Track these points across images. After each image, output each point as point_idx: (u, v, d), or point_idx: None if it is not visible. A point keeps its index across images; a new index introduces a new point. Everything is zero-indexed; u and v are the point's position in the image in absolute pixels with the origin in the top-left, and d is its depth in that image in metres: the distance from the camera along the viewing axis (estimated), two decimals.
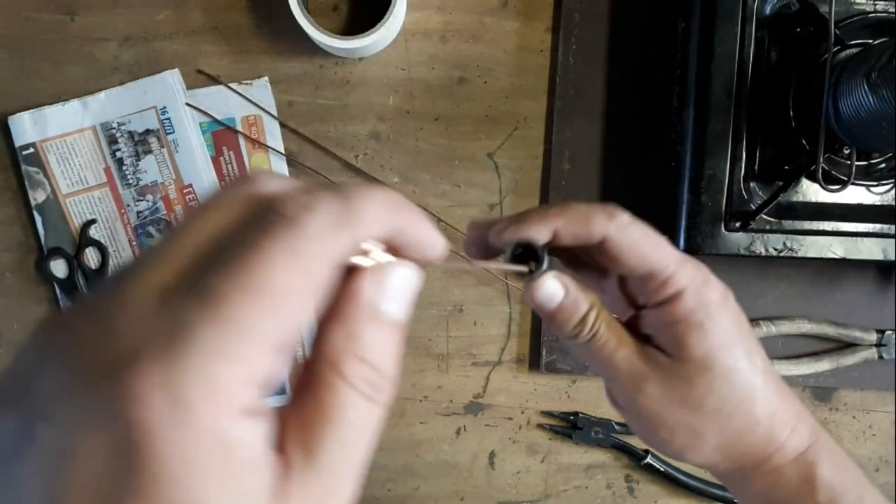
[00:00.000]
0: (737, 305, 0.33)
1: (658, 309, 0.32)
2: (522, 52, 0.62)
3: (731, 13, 0.54)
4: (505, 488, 0.66)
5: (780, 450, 0.33)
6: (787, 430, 0.33)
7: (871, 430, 0.67)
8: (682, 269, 0.31)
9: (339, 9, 0.62)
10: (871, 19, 0.55)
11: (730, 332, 0.32)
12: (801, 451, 0.33)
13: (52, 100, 0.61)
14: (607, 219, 0.31)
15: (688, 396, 0.32)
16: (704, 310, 0.31)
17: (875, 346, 0.64)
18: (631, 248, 0.31)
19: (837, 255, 0.56)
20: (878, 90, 0.46)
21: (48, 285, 0.63)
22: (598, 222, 0.31)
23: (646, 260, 0.31)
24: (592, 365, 0.34)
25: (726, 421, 0.32)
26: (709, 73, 0.55)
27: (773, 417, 0.33)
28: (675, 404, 0.32)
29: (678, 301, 0.31)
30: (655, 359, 0.32)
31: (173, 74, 0.61)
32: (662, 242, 0.32)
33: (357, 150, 0.63)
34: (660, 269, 0.31)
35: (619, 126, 0.63)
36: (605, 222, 0.31)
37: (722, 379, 0.32)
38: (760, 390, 0.32)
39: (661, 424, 0.33)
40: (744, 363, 0.32)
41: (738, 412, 0.32)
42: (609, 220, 0.31)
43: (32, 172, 0.61)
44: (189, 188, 0.62)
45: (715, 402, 0.32)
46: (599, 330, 0.32)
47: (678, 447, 0.33)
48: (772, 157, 0.57)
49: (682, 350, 0.32)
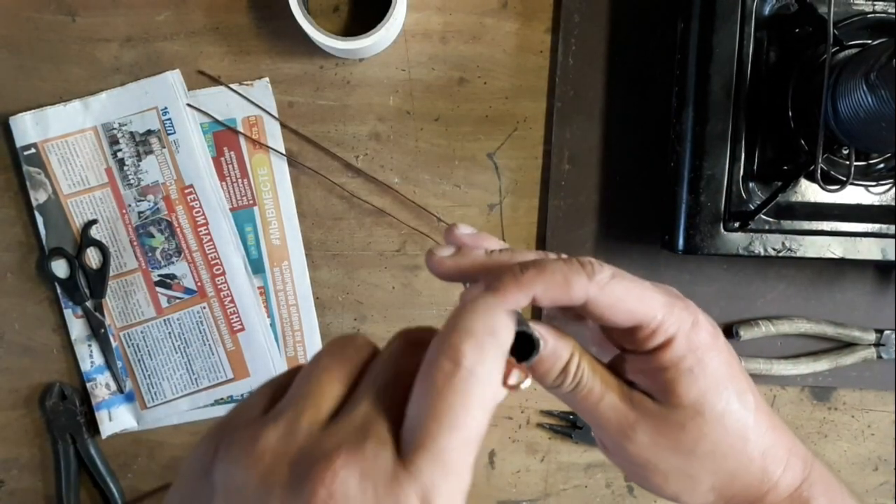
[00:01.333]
0: (726, 343, 0.32)
1: (645, 356, 0.31)
2: (522, 53, 0.63)
3: (731, 14, 0.54)
4: (505, 487, 0.66)
5: (775, 488, 0.33)
6: (781, 467, 0.32)
7: (869, 429, 0.67)
8: (670, 316, 0.30)
9: (340, 10, 0.62)
10: (870, 20, 0.55)
11: (720, 374, 0.31)
12: (796, 487, 0.33)
13: (53, 100, 0.61)
14: (587, 280, 0.29)
15: (679, 442, 0.31)
16: (694, 354, 0.30)
17: (874, 346, 0.65)
18: (615, 306, 0.29)
19: (836, 256, 0.56)
20: (876, 91, 0.46)
21: (49, 285, 0.63)
22: (579, 286, 0.29)
23: (632, 315, 0.30)
24: (578, 413, 0.33)
25: (720, 463, 0.32)
26: (708, 74, 0.55)
27: (767, 455, 0.32)
28: (666, 450, 0.31)
29: (667, 349, 0.30)
30: (643, 404, 0.32)
31: (174, 75, 0.61)
32: (647, 291, 0.30)
33: (357, 151, 0.63)
34: (647, 320, 0.30)
35: (619, 126, 0.63)
36: (585, 285, 0.29)
37: (714, 423, 0.31)
38: (753, 429, 0.32)
39: (654, 471, 0.32)
40: (735, 404, 0.31)
41: (732, 453, 0.32)
42: (589, 282, 0.29)
43: (34, 173, 0.61)
44: (190, 188, 0.62)
45: (708, 446, 0.31)
46: (582, 379, 0.31)
47: (673, 492, 0.33)
48: (771, 157, 0.57)
49: (672, 396, 0.31)
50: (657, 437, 0.31)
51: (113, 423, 0.63)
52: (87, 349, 0.63)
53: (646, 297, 0.30)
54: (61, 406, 0.63)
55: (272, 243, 0.63)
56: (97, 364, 0.63)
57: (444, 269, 0.31)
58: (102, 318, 0.62)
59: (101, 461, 0.64)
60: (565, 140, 0.63)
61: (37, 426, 0.65)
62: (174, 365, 0.63)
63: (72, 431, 0.63)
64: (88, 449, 0.63)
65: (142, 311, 0.63)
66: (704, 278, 0.64)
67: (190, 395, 0.63)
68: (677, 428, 0.31)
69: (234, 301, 0.63)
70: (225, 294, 0.63)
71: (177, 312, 0.63)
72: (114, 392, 0.63)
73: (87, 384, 0.63)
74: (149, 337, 0.63)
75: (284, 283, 0.63)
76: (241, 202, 0.63)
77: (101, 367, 0.63)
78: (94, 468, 0.64)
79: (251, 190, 0.63)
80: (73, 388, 0.64)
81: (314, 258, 0.64)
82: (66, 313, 0.63)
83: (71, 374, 0.64)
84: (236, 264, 0.62)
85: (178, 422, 0.64)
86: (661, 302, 0.30)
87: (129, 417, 0.64)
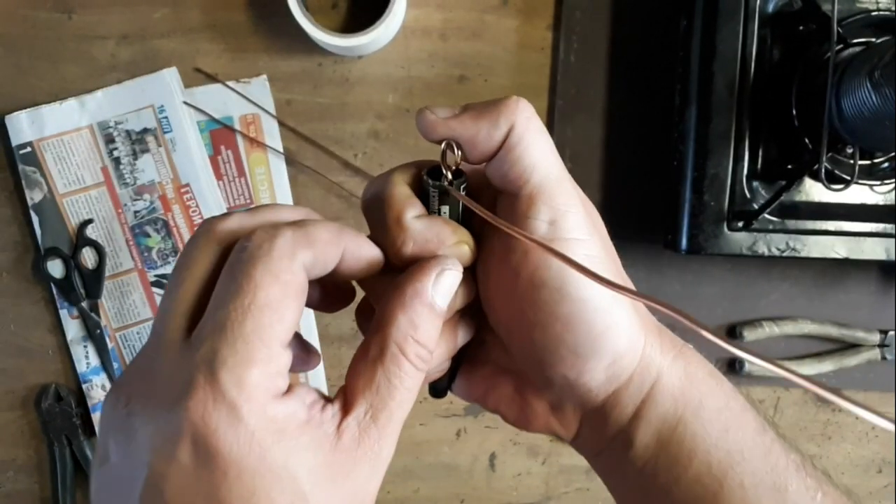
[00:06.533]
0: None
1: None
2: (523, 51, 0.62)
3: (734, 11, 0.54)
4: (505, 490, 0.66)
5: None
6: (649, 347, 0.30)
7: (873, 431, 0.66)
8: None
9: (338, 6, 0.61)
10: (873, 17, 0.54)
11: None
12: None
13: (49, 98, 0.61)
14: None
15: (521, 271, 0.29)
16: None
17: (878, 347, 0.64)
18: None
19: (840, 256, 0.56)
20: (881, 89, 0.46)
21: (45, 285, 0.62)
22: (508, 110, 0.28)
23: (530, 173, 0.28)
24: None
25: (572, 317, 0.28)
26: (711, 72, 0.54)
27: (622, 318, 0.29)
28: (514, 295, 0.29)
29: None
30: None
31: (171, 73, 0.61)
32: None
33: (356, 149, 0.62)
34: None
35: (621, 125, 0.62)
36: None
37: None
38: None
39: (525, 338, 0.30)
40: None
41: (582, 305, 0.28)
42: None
43: (29, 172, 0.60)
44: (186, 187, 0.61)
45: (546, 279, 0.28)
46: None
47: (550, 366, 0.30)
48: (774, 156, 0.56)
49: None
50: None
51: None
52: (82, 350, 0.62)
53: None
54: (57, 407, 0.62)
55: None
56: (93, 365, 0.62)
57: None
58: (98, 318, 0.62)
59: None
60: (567, 138, 0.62)
61: (32, 428, 0.64)
62: None
63: (68, 433, 0.63)
64: (84, 451, 0.63)
65: (138, 311, 0.62)
66: (708, 278, 0.64)
67: None
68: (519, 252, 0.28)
69: None
70: None
71: None
72: None
73: (83, 385, 0.62)
74: (145, 338, 0.62)
75: None
76: (238, 201, 0.62)
77: (97, 368, 0.62)
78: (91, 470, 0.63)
79: (248, 189, 0.62)
80: (69, 390, 0.63)
81: None
82: (61, 314, 0.62)
83: (67, 375, 0.63)
84: None
85: None
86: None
87: None
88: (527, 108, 0.28)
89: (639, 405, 0.30)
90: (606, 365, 0.29)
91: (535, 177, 0.28)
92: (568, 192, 0.29)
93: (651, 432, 0.30)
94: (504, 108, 0.28)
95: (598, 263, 0.29)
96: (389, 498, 0.65)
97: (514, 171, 0.28)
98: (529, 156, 0.28)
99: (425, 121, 0.29)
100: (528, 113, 0.28)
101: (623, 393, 0.30)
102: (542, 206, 0.28)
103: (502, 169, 0.28)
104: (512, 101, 0.28)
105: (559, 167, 0.29)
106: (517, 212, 0.28)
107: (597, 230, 0.30)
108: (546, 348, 0.29)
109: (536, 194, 0.28)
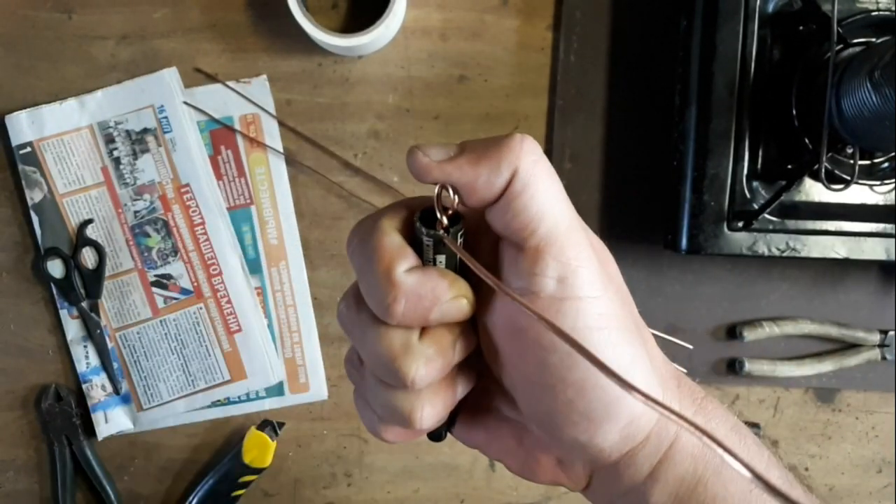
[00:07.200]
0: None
1: None
2: (523, 51, 0.62)
3: (734, 11, 0.54)
4: (505, 490, 0.66)
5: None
6: None
7: (873, 431, 0.66)
8: None
9: (338, 6, 0.61)
10: (873, 17, 0.54)
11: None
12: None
13: (49, 98, 0.61)
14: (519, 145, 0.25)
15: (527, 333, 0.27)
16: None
17: (878, 347, 0.64)
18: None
19: (840, 256, 0.56)
20: (881, 89, 0.46)
21: (45, 285, 0.62)
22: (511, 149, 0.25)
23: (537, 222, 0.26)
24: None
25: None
26: (711, 72, 0.54)
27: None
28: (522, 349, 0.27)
29: None
30: None
31: (171, 73, 0.61)
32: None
33: (356, 149, 0.62)
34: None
35: (621, 125, 0.62)
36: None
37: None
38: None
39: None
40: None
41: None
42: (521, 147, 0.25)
43: (29, 172, 0.60)
44: (186, 187, 0.61)
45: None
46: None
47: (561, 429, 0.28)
48: (774, 156, 0.56)
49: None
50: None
51: (109, 424, 0.63)
52: (82, 350, 0.62)
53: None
54: (57, 408, 0.62)
55: (270, 243, 0.62)
56: (93, 365, 0.62)
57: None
58: (98, 318, 0.62)
59: (97, 463, 0.63)
60: (567, 138, 0.62)
61: (32, 428, 0.64)
62: (171, 366, 0.63)
63: (68, 433, 0.63)
64: (84, 451, 0.63)
65: (138, 311, 0.62)
66: (708, 278, 0.63)
67: (187, 397, 0.63)
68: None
69: (230, 302, 0.62)
70: (222, 294, 0.62)
71: (173, 313, 0.62)
72: (110, 393, 0.63)
73: (83, 385, 0.62)
74: (145, 338, 0.62)
75: (282, 284, 0.63)
76: (238, 201, 0.62)
77: (96, 368, 0.62)
78: (91, 470, 0.63)
79: (248, 189, 0.62)
80: (68, 390, 0.63)
81: (312, 258, 0.63)
82: (61, 314, 0.62)
83: (67, 375, 0.63)
84: (233, 264, 0.62)
85: (174, 423, 0.64)
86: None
87: (125, 419, 0.63)
88: (533, 149, 0.25)
89: (655, 465, 0.28)
90: (621, 427, 0.27)
91: (542, 228, 0.25)
92: (579, 243, 0.26)
93: (668, 492, 0.28)
94: (507, 151, 0.25)
95: (613, 320, 0.26)
96: (389, 498, 0.65)
97: (518, 221, 0.25)
98: (536, 204, 0.25)
99: (417, 164, 0.26)
100: (535, 155, 0.25)
101: (638, 453, 0.28)
102: (550, 260, 0.25)
103: (505, 218, 0.26)
104: (515, 141, 0.25)
105: (570, 215, 0.26)
106: (521, 267, 0.26)
107: (612, 281, 0.27)
108: (556, 411, 0.27)
109: (544, 247, 0.25)
